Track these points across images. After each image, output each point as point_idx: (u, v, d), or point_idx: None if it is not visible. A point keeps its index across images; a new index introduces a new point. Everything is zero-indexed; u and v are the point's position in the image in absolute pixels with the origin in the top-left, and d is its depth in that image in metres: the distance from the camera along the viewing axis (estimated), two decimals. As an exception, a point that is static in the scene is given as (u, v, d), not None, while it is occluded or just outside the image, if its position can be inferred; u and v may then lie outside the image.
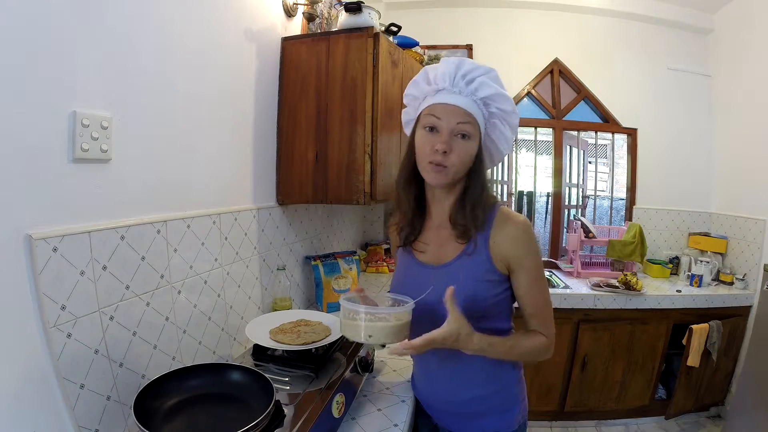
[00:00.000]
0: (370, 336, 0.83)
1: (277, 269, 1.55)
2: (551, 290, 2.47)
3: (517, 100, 3.02)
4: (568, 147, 3.15)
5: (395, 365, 1.36)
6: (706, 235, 2.86)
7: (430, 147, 0.86)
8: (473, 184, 0.90)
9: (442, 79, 0.88)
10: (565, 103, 3.05)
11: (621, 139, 3.11)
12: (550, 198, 3.21)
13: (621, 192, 3.19)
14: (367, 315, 0.83)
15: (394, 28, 1.71)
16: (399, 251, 1.06)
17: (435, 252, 0.96)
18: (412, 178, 0.95)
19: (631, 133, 3.02)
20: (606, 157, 4.27)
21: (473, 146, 0.88)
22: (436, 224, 0.97)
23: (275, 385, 0.84)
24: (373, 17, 1.51)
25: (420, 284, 0.91)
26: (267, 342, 1.10)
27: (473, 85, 0.87)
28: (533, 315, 0.93)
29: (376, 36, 1.44)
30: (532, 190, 3.43)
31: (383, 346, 0.86)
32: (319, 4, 1.71)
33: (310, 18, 1.66)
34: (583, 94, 3.03)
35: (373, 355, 1.28)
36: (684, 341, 2.36)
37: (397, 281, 1.03)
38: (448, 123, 0.86)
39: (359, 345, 1.21)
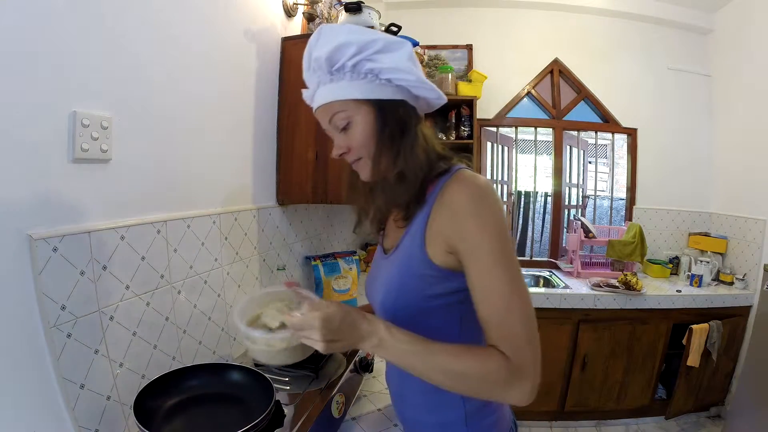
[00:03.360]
0: (254, 358, 0.78)
1: (277, 269, 1.55)
2: (551, 291, 2.45)
3: (517, 100, 3.02)
4: (568, 147, 3.14)
5: (395, 365, 1.36)
6: (706, 235, 2.86)
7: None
8: (384, 155, 0.72)
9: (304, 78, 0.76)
10: (565, 103, 3.05)
11: (621, 139, 3.11)
12: (549, 198, 3.21)
13: (621, 192, 3.19)
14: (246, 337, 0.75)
15: (394, 28, 1.70)
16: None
17: (389, 238, 0.84)
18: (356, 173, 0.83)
19: (631, 133, 3.02)
20: (606, 157, 4.27)
21: (362, 126, 0.72)
22: None
23: (275, 385, 0.85)
24: (373, 17, 1.51)
25: (375, 275, 0.84)
26: (267, 342, 1.10)
27: (320, 64, 0.70)
28: (487, 320, 0.63)
29: (376, 36, 1.44)
30: (532, 190, 3.43)
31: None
32: (319, 4, 1.71)
33: (310, 18, 1.66)
34: (583, 94, 3.03)
35: (373, 355, 1.28)
36: (684, 341, 2.36)
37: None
38: (326, 126, 0.76)
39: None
